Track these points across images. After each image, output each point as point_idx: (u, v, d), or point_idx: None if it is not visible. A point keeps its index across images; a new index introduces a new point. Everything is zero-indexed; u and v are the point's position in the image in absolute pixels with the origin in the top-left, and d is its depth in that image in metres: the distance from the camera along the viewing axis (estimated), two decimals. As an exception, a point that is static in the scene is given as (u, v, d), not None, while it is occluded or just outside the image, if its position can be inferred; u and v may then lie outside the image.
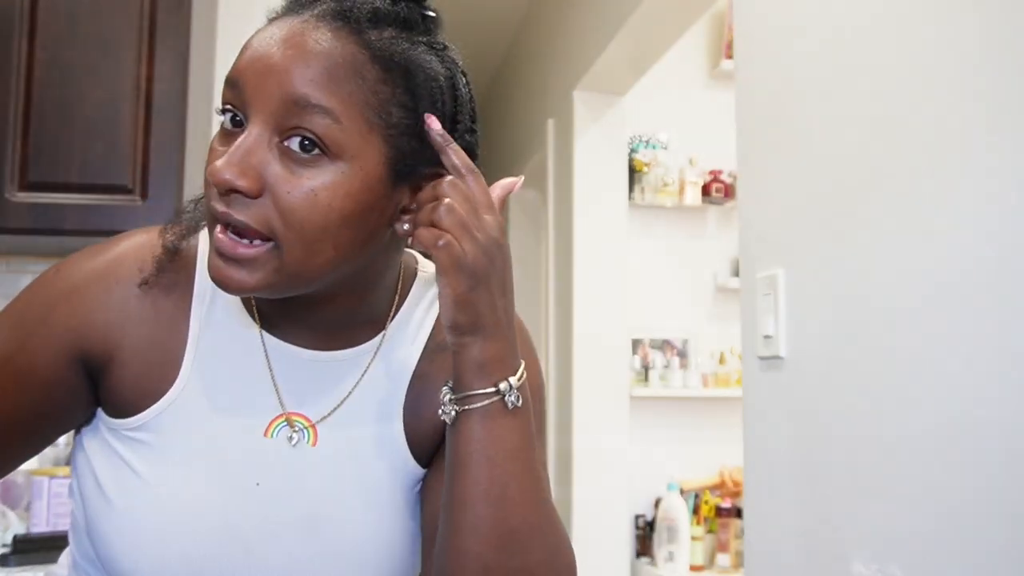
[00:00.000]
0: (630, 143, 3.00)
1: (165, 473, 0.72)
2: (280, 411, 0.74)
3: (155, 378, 0.73)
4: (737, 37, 1.56)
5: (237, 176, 0.63)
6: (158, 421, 0.73)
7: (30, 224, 1.79)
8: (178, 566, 0.71)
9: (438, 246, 0.65)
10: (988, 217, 0.96)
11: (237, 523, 0.72)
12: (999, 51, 0.96)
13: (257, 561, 0.72)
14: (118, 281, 0.73)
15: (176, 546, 0.71)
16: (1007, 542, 0.92)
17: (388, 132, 0.66)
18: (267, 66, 0.64)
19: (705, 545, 2.74)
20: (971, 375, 0.97)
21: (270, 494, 0.73)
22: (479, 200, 0.68)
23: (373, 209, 0.67)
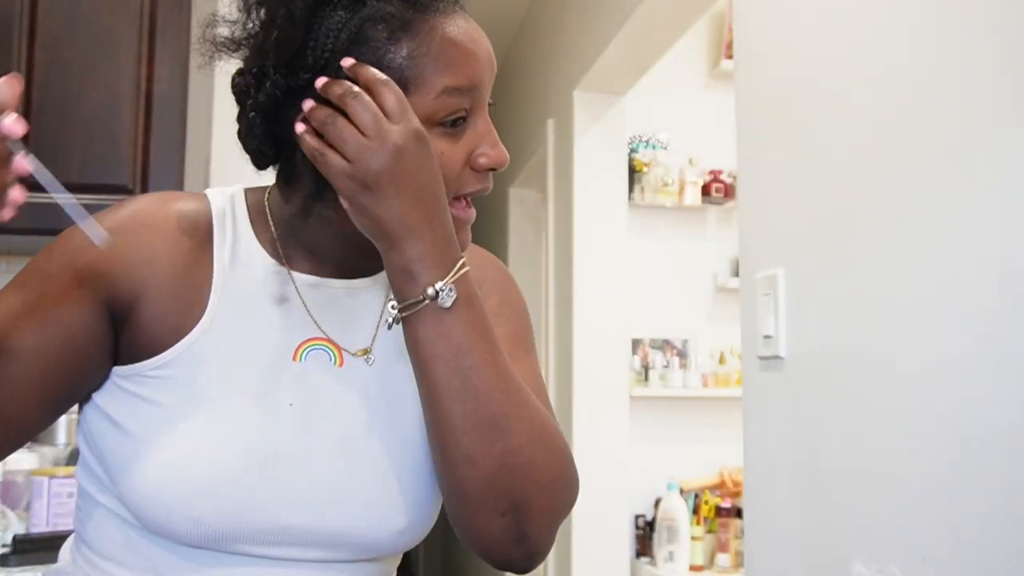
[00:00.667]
0: (630, 143, 2.99)
1: (197, 403, 0.73)
2: (305, 335, 0.78)
3: (181, 314, 0.75)
4: (737, 37, 1.56)
5: (507, 154, 0.77)
6: (187, 355, 0.75)
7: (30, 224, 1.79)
8: (220, 492, 0.71)
9: (315, 157, 0.70)
10: (989, 217, 0.96)
11: (274, 443, 0.74)
12: (1000, 51, 0.96)
13: (295, 480, 0.74)
14: (143, 225, 0.77)
15: (215, 471, 0.72)
16: (1007, 542, 0.92)
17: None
18: (491, 66, 0.76)
19: (705, 545, 2.74)
20: (971, 375, 0.97)
21: (303, 414, 0.76)
22: (386, 109, 0.69)
23: None
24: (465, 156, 0.75)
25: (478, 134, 0.75)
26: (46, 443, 1.83)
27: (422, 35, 0.72)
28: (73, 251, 0.77)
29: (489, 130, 0.76)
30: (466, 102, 0.74)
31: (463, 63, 0.73)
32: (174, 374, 0.74)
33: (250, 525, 0.73)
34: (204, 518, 0.71)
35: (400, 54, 0.72)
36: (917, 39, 1.08)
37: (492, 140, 0.76)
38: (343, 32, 0.71)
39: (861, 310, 1.17)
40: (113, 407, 0.75)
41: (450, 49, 0.73)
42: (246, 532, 0.73)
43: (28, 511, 1.55)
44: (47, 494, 1.52)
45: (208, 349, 0.75)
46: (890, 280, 1.11)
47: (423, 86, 0.72)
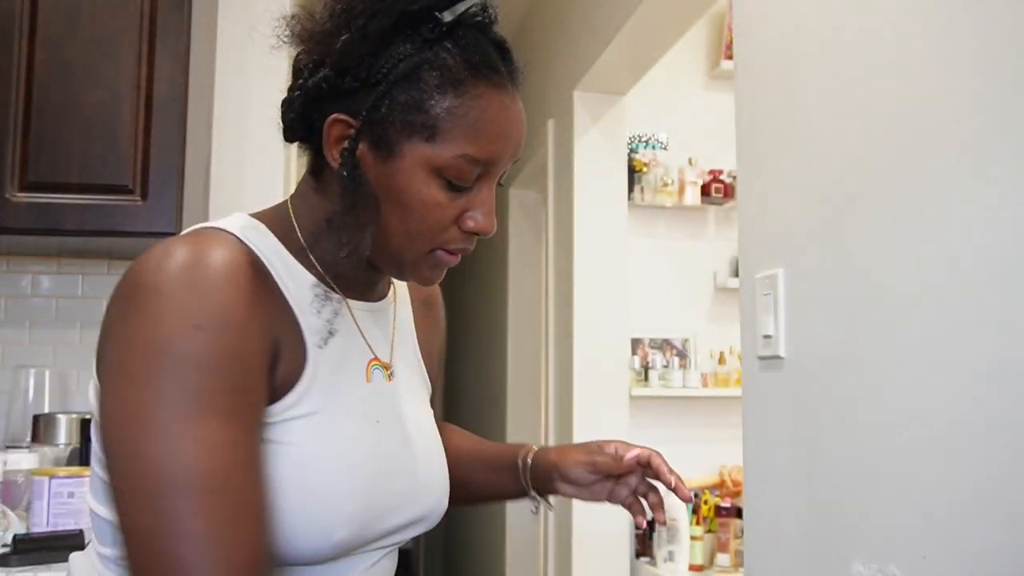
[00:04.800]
0: (630, 143, 2.99)
1: (318, 436, 0.78)
2: (368, 358, 0.88)
3: (296, 350, 0.79)
4: (737, 37, 1.56)
5: (494, 224, 0.83)
6: (309, 392, 0.78)
7: (30, 224, 1.79)
8: (355, 517, 0.78)
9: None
10: (989, 216, 0.96)
11: (379, 459, 0.83)
12: (1000, 52, 0.96)
13: (398, 486, 0.85)
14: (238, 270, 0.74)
15: (349, 501, 0.78)
16: (1007, 542, 0.92)
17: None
18: (515, 151, 0.83)
19: (705, 545, 2.74)
20: (971, 375, 0.97)
21: (385, 427, 0.86)
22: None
23: None
24: (457, 214, 0.81)
25: (477, 200, 0.81)
26: (46, 443, 1.83)
27: (467, 97, 0.77)
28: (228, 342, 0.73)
29: (487, 199, 0.82)
30: (478, 170, 0.80)
31: (491, 139, 0.78)
32: (298, 413, 0.77)
33: (375, 534, 0.83)
34: (343, 541, 0.78)
35: (441, 105, 0.76)
36: (917, 39, 1.08)
37: (486, 209, 0.82)
38: (402, 64, 0.76)
39: (861, 310, 1.17)
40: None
41: (485, 121, 0.78)
42: (371, 539, 0.83)
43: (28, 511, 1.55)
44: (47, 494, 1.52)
45: (316, 384, 0.79)
46: (890, 280, 1.11)
47: (447, 142, 0.77)
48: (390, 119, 0.77)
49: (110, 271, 2.13)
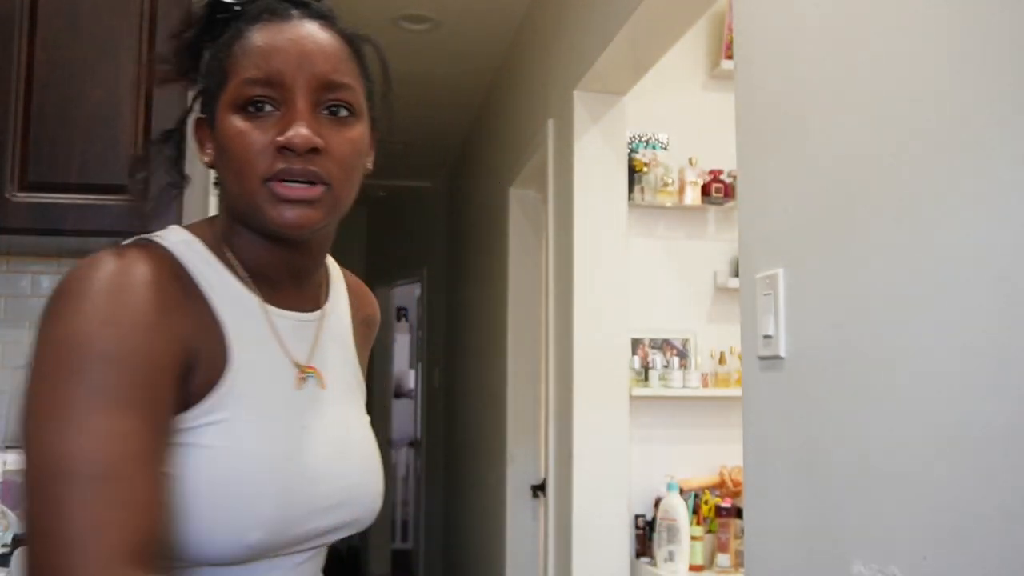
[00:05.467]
0: (630, 143, 2.99)
1: (239, 438, 0.81)
2: (297, 367, 0.90)
3: (215, 357, 0.83)
4: (737, 37, 1.56)
5: (316, 137, 0.83)
6: (226, 400, 0.82)
7: (30, 224, 1.79)
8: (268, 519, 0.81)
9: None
10: (989, 216, 0.96)
11: (301, 462, 0.86)
12: (1001, 51, 0.96)
13: (319, 491, 0.87)
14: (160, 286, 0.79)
15: (263, 502, 0.81)
16: (1007, 542, 0.92)
17: (366, 95, 0.91)
18: (300, 62, 0.84)
19: (705, 545, 2.73)
20: (971, 375, 0.97)
21: (313, 432, 0.89)
22: None
23: (367, 151, 0.92)
24: (270, 140, 0.83)
25: (285, 120, 0.84)
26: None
27: (242, 39, 0.86)
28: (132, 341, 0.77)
29: (295, 117, 0.83)
30: (270, 92, 0.84)
31: (265, 58, 0.84)
32: (217, 418, 0.81)
33: (296, 537, 0.85)
34: (258, 543, 0.80)
35: (226, 57, 0.87)
36: (917, 39, 1.08)
37: (294, 125, 0.83)
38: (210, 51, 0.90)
39: (861, 310, 1.17)
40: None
41: (256, 45, 0.85)
42: (288, 542, 0.84)
43: (28, 511, 1.55)
44: (47, 494, 1.53)
45: (237, 387, 0.83)
46: (890, 280, 1.11)
47: (231, 79, 0.85)
48: (210, 97, 0.88)
49: (110, 271, 2.13)
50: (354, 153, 0.87)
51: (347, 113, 0.87)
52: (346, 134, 0.86)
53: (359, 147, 0.88)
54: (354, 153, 0.87)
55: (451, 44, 3.91)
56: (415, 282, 6.69)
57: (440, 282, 6.17)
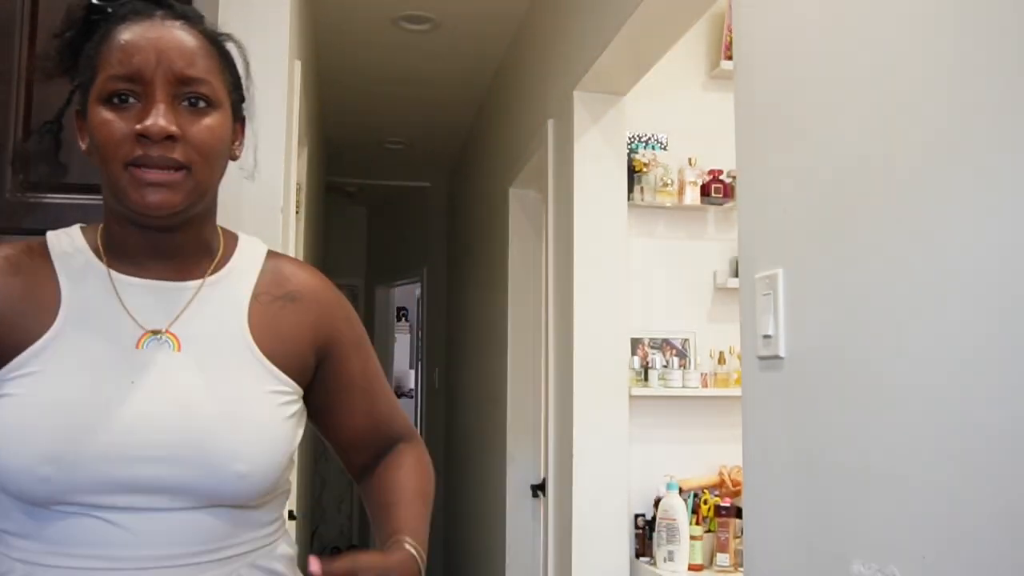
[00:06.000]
0: (630, 143, 2.99)
1: (46, 388, 0.91)
2: (143, 330, 0.97)
3: (34, 323, 0.94)
4: (737, 37, 1.56)
5: (171, 126, 0.92)
6: (41, 355, 0.93)
7: (30, 224, 1.79)
8: (60, 454, 0.88)
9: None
10: (989, 216, 0.96)
11: (112, 411, 0.91)
12: (1001, 51, 0.96)
13: (132, 440, 0.91)
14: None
15: (55, 437, 0.89)
16: (1006, 542, 0.92)
17: (227, 87, 1.00)
18: (158, 59, 0.93)
19: (705, 545, 2.73)
20: (971, 375, 0.97)
21: (146, 389, 0.93)
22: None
23: (227, 140, 1.00)
24: (130, 128, 0.92)
25: (145, 111, 0.92)
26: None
27: (107, 39, 0.95)
28: None
29: (153, 108, 0.92)
30: (132, 87, 0.93)
31: (128, 55, 0.93)
32: (30, 371, 0.92)
33: (92, 479, 0.89)
34: (50, 477, 0.88)
35: (93, 55, 0.96)
36: (917, 38, 1.09)
37: (152, 114, 0.92)
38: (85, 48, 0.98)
39: (861, 310, 1.17)
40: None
41: (120, 45, 0.94)
42: (90, 485, 0.89)
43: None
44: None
45: (60, 347, 0.93)
46: (890, 280, 1.11)
47: (99, 75, 0.94)
48: (84, 91, 0.97)
49: (110, 271, 2.13)
50: (212, 139, 0.96)
51: (204, 104, 0.96)
52: (203, 122, 0.95)
53: (217, 133, 0.97)
54: (212, 139, 0.96)
55: (451, 44, 3.91)
56: (415, 282, 6.69)
57: (440, 282, 6.17)
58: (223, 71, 1.00)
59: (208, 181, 0.98)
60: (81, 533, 0.90)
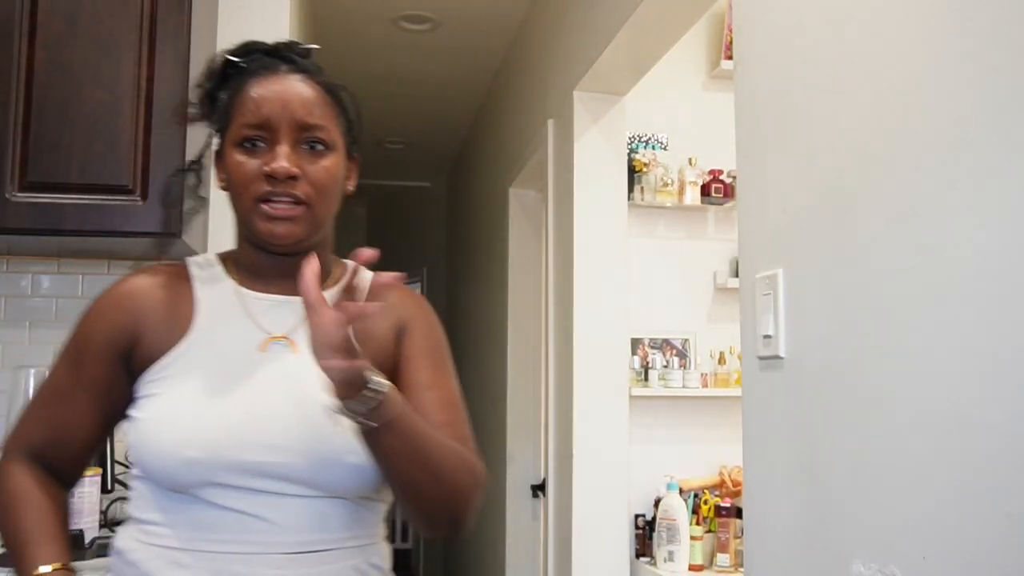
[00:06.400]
0: (630, 143, 2.99)
1: (185, 388, 1.06)
2: (267, 335, 1.10)
3: (173, 334, 1.10)
4: (737, 37, 1.56)
5: (293, 167, 1.07)
6: (179, 359, 1.08)
7: (30, 224, 1.79)
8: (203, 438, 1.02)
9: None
10: (988, 216, 0.96)
11: (244, 404, 1.04)
12: (1000, 50, 0.96)
13: (263, 432, 1.03)
14: (127, 283, 1.16)
15: (198, 424, 1.03)
16: (1006, 542, 0.92)
17: (343, 131, 1.14)
18: (283, 108, 1.09)
19: (705, 545, 2.73)
20: (971, 375, 0.97)
21: (269, 386, 1.07)
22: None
23: (342, 178, 1.15)
24: (259, 168, 1.07)
25: (272, 154, 1.07)
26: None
27: (241, 91, 1.11)
28: (87, 326, 1.15)
29: (280, 151, 1.07)
30: (261, 133, 1.08)
31: (258, 106, 1.08)
32: (169, 373, 1.07)
33: (230, 461, 1.01)
34: (195, 459, 1.01)
35: (231, 104, 1.11)
36: (917, 38, 1.09)
37: (278, 157, 1.07)
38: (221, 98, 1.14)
39: (861, 310, 1.17)
40: (134, 410, 1.08)
41: (251, 97, 1.09)
42: (229, 466, 1.01)
43: (28, 511, 1.55)
44: (47, 494, 1.52)
45: (196, 352, 1.09)
46: (889, 279, 1.11)
47: (235, 122, 1.10)
48: (221, 135, 1.12)
49: (110, 271, 2.13)
50: (328, 178, 1.10)
51: (322, 147, 1.10)
52: (321, 163, 1.09)
53: (332, 173, 1.11)
54: (328, 178, 1.10)
55: (451, 44, 3.91)
56: (415, 282, 6.69)
57: (440, 282, 6.16)
58: (337, 117, 1.13)
59: (325, 214, 1.11)
60: (218, 521, 1.02)
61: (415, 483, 1.03)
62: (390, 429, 0.97)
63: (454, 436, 1.12)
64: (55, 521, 1.10)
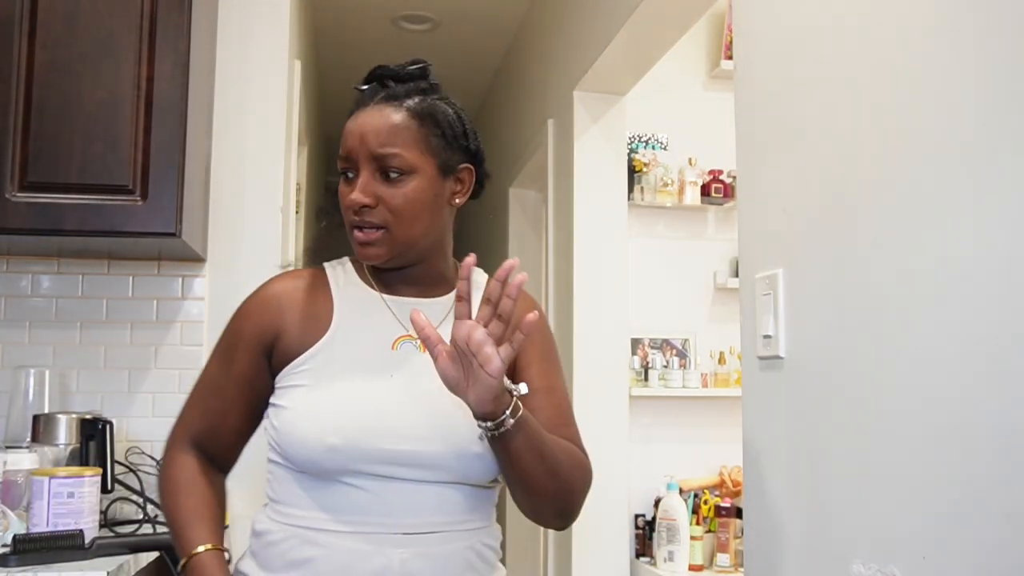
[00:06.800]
0: (630, 143, 2.99)
1: (326, 380, 1.14)
2: (397, 335, 1.18)
3: (313, 331, 1.18)
4: (737, 37, 1.56)
5: (365, 198, 1.14)
6: (319, 354, 1.16)
7: (30, 224, 1.79)
8: (345, 428, 1.10)
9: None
10: (988, 217, 0.96)
11: (380, 397, 1.13)
12: (1000, 51, 0.96)
13: (397, 422, 1.11)
14: (271, 285, 1.25)
15: (340, 414, 1.11)
16: (1006, 542, 0.92)
17: (432, 151, 1.17)
18: (360, 143, 1.16)
19: (705, 545, 2.74)
20: (970, 375, 0.97)
21: (402, 381, 1.15)
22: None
23: (436, 196, 1.19)
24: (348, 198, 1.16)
25: (355, 185, 1.16)
26: (46, 443, 1.83)
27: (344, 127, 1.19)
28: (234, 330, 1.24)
29: (357, 184, 1.15)
30: (348, 165, 1.17)
31: (344, 139, 1.18)
32: (311, 367, 1.16)
33: (368, 449, 1.09)
34: (336, 446, 1.09)
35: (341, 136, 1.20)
36: (917, 39, 1.08)
37: (355, 190, 1.15)
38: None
39: (861, 310, 1.17)
40: (277, 400, 1.17)
41: (343, 135, 1.18)
42: (366, 454, 1.09)
43: (28, 511, 1.55)
44: (47, 494, 1.52)
45: (334, 348, 1.17)
46: (890, 280, 1.11)
47: (339, 156, 1.18)
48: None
49: (110, 271, 2.13)
50: (405, 202, 1.15)
51: (397, 174, 1.15)
52: (398, 189, 1.15)
53: (411, 196, 1.15)
54: (405, 202, 1.15)
55: (451, 44, 3.91)
56: (415, 282, 6.67)
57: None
58: (424, 139, 1.17)
59: (409, 234, 1.16)
60: (350, 503, 1.11)
61: (534, 479, 1.10)
62: (520, 429, 1.05)
63: (567, 436, 1.19)
64: (212, 504, 1.19)
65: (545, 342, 1.26)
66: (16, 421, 1.92)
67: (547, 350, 1.25)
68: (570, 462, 1.15)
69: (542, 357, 1.23)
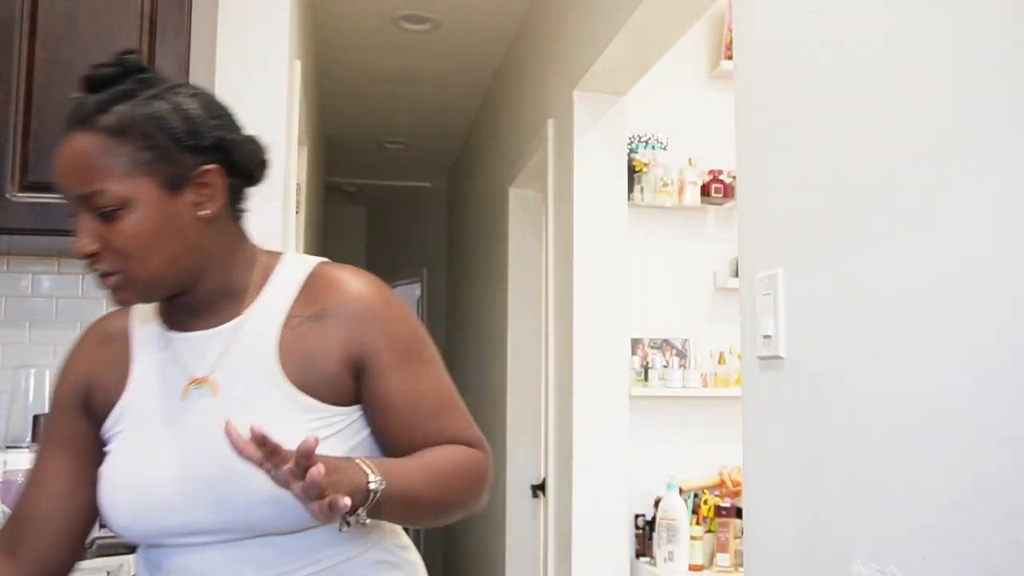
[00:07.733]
0: (630, 143, 2.99)
1: (124, 444, 1.06)
2: (188, 380, 1.06)
3: (117, 386, 1.08)
4: (736, 37, 1.56)
5: (86, 246, 0.99)
6: (124, 413, 1.07)
7: (30, 224, 1.79)
8: (138, 508, 1.02)
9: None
10: (989, 216, 0.96)
11: (167, 468, 1.02)
12: (1000, 52, 0.96)
13: (177, 504, 1.01)
14: (79, 344, 1.15)
15: (131, 499, 1.03)
16: (1005, 542, 0.92)
17: (146, 170, 0.99)
18: (63, 184, 0.99)
19: (705, 545, 2.73)
20: (971, 374, 0.97)
21: (189, 438, 1.03)
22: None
23: (169, 218, 1.01)
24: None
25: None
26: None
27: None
28: (55, 388, 1.14)
29: (78, 230, 0.99)
30: (69, 203, 1.00)
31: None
32: (121, 428, 1.07)
33: (157, 527, 1.02)
34: (128, 526, 1.03)
35: None
36: (916, 39, 1.09)
37: (77, 237, 1.00)
38: None
39: (861, 310, 1.17)
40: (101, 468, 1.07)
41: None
42: (158, 531, 1.02)
43: (28, 511, 1.55)
44: (47, 494, 1.52)
45: (134, 404, 1.07)
46: (890, 280, 1.11)
47: None
48: None
49: (110, 271, 2.13)
50: (129, 240, 0.99)
51: (112, 209, 0.98)
52: (119, 228, 0.98)
53: (133, 231, 0.99)
54: (129, 240, 0.99)
55: (451, 44, 3.91)
56: (415, 282, 6.69)
57: (440, 282, 6.16)
58: (130, 160, 0.98)
59: (148, 272, 1.01)
60: (177, 569, 1.03)
61: (421, 521, 1.07)
62: (388, 502, 0.94)
63: (450, 434, 1.09)
64: None
65: (394, 345, 1.08)
66: (16, 421, 1.92)
67: (406, 351, 1.09)
68: (452, 482, 1.05)
69: (400, 362, 1.07)
